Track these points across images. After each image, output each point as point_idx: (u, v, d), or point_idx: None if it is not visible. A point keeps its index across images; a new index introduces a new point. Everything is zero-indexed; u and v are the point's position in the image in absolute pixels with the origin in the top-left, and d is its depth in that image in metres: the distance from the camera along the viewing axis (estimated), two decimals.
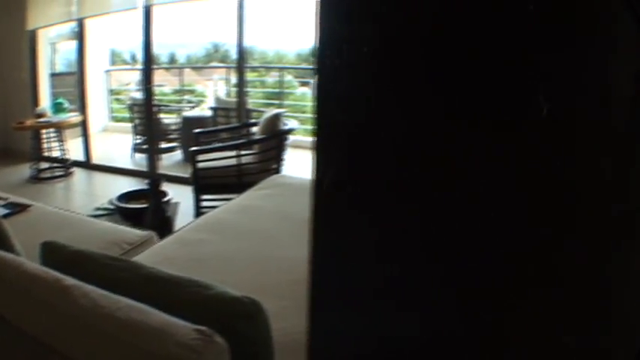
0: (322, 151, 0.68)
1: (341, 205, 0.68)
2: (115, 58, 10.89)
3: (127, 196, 4.44)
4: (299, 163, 5.07)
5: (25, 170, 6.43)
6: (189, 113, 7.96)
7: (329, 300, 0.71)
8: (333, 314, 0.70)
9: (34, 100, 7.04)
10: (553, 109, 0.57)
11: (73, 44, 7.15)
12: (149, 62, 6.00)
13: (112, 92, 9.87)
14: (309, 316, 0.70)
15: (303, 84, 10.18)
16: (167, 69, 11.37)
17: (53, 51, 8.29)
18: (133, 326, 1.19)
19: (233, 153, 4.36)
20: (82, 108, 6.88)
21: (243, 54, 6.13)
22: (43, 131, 6.49)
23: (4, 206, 3.18)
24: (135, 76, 9.78)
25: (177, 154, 7.30)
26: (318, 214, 0.69)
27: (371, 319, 0.68)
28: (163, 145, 7.22)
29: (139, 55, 6.91)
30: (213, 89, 9.86)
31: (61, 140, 6.57)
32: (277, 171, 4.45)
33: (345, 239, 0.69)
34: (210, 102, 8.98)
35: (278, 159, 4.56)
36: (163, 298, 1.36)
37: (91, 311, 1.25)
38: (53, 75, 7.84)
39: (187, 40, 11.86)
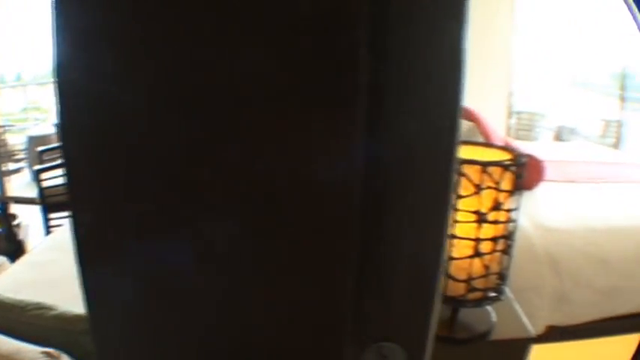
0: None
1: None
2: None
3: None
4: None
5: None
6: (34, 132, 7.50)
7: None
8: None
9: None
10: None
11: None
12: None
13: None
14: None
15: None
16: (13, 87, 10.67)
17: None
18: None
19: None
20: None
21: None
22: None
23: None
24: None
25: (27, 175, 6.87)
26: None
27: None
28: (11, 166, 6.79)
29: None
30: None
31: None
32: None
33: None
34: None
35: None
36: (11, 324, 1.37)
37: None
38: None
39: (33, 56, 11.18)
